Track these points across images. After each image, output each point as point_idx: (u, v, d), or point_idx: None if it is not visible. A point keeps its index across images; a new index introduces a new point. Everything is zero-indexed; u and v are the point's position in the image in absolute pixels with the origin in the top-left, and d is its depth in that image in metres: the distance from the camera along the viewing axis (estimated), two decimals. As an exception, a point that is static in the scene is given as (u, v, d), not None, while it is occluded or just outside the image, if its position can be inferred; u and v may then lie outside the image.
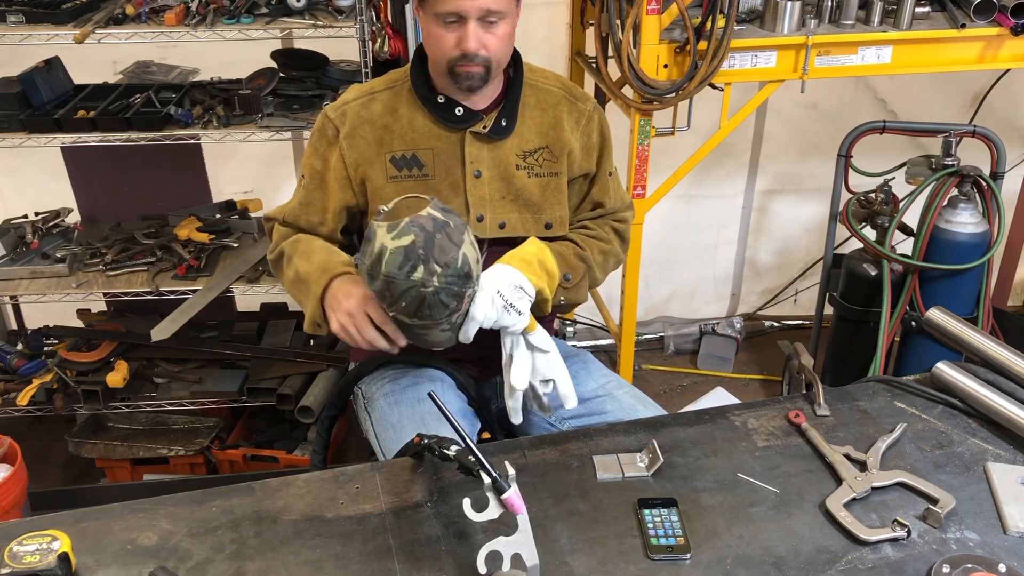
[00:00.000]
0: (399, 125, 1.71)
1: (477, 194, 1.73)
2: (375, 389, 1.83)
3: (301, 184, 1.79)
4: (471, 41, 1.59)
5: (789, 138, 3.49)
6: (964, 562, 1.25)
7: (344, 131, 1.72)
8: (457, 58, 1.61)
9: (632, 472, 1.44)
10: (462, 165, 1.72)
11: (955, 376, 1.62)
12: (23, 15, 2.41)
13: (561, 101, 1.80)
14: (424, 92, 1.71)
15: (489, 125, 1.71)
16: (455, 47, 1.60)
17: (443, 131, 1.71)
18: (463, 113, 1.70)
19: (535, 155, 1.77)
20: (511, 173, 1.75)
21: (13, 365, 2.81)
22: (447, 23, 1.59)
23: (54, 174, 2.96)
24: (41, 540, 1.22)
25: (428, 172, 1.71)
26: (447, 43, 1.61)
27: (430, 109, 1.71)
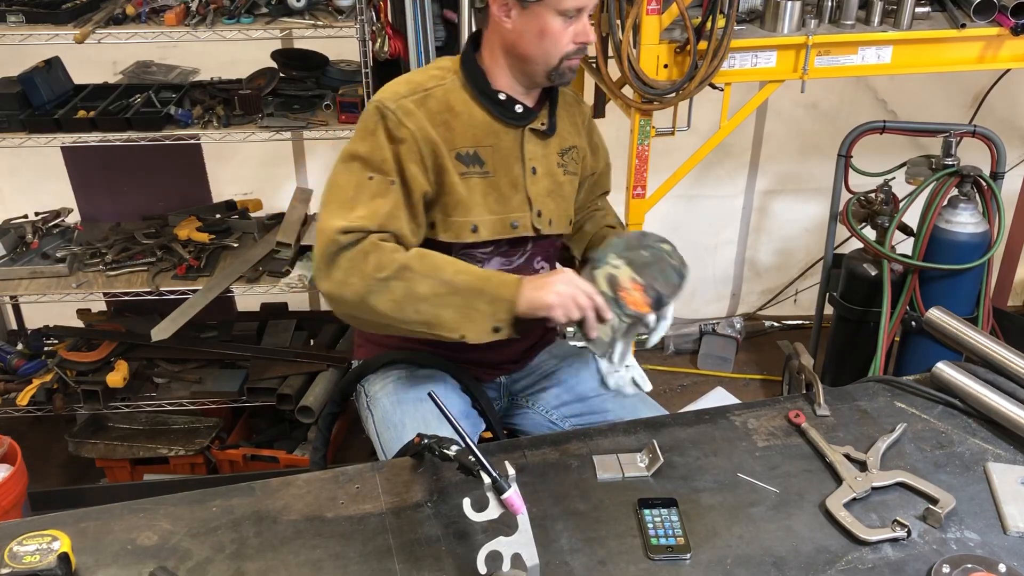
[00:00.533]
0: (459, 122, 1.67)
1: (535, 191, 1.74)
2: (378, 388, 1.83)
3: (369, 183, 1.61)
4: (591, 33, 1.64)
5: (789, 138, 3.49)
6: (964, 562, 1.25)
7: (411, 122, 1.62)
8: (572, 52, 1.64)
9: (632, 472, 1.44)
10: (521, 162, 1.72)
11: (955, 376, 1.62)
12: (23, 15, 2.41)
13: (573, 102, 1.87)
14: (484, 89, 1.69)
15: (546, 123, 1.74)
16: (570, 41, 1.63)
17: (502, 128, 1.70)
18: (523, 111, 1.71)
19: (569, 153, 1.82)
20: (555, 170, 1.78)
21: (13, 365, 2.81)
22: (568, 18, 1.61)
23: (54, 174, 2.96)
24: (41, 540, 1.22)
25: (489, 169, 1.70)
26: (565, 38, 1.62)
27: (489, 106, 1.69)
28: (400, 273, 1.54)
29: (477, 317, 1.56)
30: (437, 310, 1.55)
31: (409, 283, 1.54)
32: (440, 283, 1.55)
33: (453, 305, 1.56)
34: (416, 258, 1.58)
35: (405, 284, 1.54)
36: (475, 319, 1.56)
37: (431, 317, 1.56)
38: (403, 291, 1.54)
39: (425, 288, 1.55)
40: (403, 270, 1.55)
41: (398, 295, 1.54)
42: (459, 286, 1.56)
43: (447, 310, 1.56)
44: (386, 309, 1.55)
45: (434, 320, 1.56)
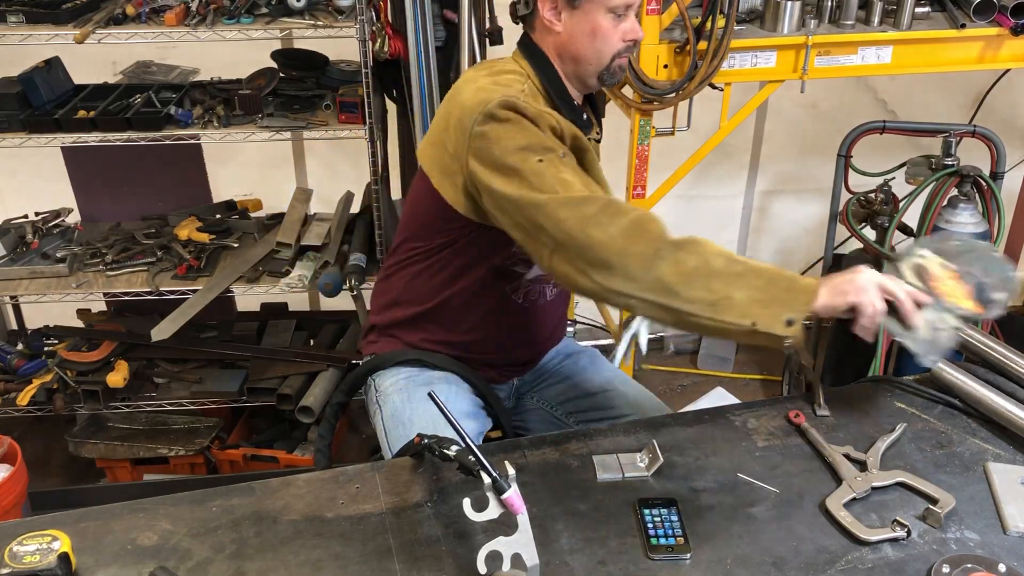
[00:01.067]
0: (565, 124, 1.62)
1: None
2: (389, 384, 1.82)
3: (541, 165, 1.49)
4: (640, 30, 1.65)
5: (789, 138, 3.49)
6: (964, 562, 1.25)
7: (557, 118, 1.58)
8: (623, 49, 1.64)
9: (632, 472, 1.44)
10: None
11: (955, 376, 1.62)
12: (23, 15, 2.41)
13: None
14: (564, 95, 1.67)
15: (600, 135, 1.77)
16: (620, 39, 1.63)
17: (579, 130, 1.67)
18: (586, 118, 1.72)
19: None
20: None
21: (13, 365, 2.81)
22: (617, 16, 1.60)
23: (54, 174, 2.96)
24: (41, 540, 1.22)
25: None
26: (615, 36, 1.62)
27: (567, 112, 1.66)
28: (689, 245, 1.40)
29: (773, 304, 1.37)
30: (730, 290, 1.37)
31: (702, 256, 1.39)
32: (734, 262, 1.40)
33: (750, 286, 1.37)
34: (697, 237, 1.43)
35: (698, 256, 1.39)
36: (770, 306, 1.36)
37: (721, 296, 1.36)
38: (696, 262, 1.38)
39: (720, 263, 1.38)
40: (692, 243, 1.40)
41: (689, 266, 1.38)
42: (755, 267, 1.40)
43: (741, 291, 1.37)
44: (671, 280, 1.37)
45: (723, 301, 1.36)
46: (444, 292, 1.77)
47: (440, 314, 1.80)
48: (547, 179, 1.47)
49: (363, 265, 2.66)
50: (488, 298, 1.77)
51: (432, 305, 1.79)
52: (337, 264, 2.70)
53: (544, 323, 1.88)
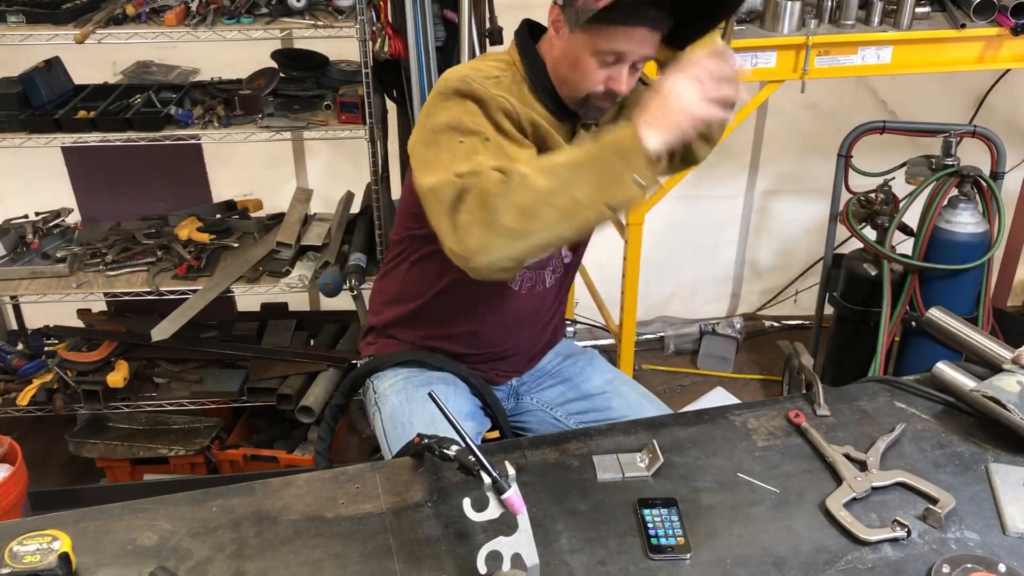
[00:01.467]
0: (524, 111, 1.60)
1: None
2: (388, 385, 1.82)
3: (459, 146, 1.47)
4: (623, 85, 1.55)
5: (789, 138, 3.49)
6: (964, 562, 1.25)
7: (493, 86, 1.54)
8: (599, 94, 1.57)
9: (632, 472, 1.44)
10: None
11: (955, 376, 1.62)
12: (23, 15, 2.41)
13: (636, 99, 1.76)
14: (545, 84, 1.63)
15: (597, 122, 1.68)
16: (601, 83, 1.55)
17: (557, 123, 1.64)
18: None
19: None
20: None
21: (13, 365, 2.81)
22: (605, 62, 1.53)
23: (54, 174, 2.96)
24: (41, 540, 1.22)
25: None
26: (595, 77, 1.55)
27: (547, 100, 1.63)
28: (519, 180, 1.38)
29: (614, 181, 1.37)
30: (570, 194, 1.37)
31: (530, 185, 1.38)
32: (560, 168, 1.39)
33: (584, 181, 1.37)
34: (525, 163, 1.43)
35: (527, 190, 1.38)
36: (613, 184, 1.37)
37: (567, 205, 1.37)
38: (528, 196, 1.37)
39: (547, 181, 1.38)
40: (522, 177, 1.39)
41: (524, 201, 1.37)
42: (579, 161, 1.39)
43: (579, 189, 1.37)
44: (517, 224, 1.37)
45: (571, 207, 1.37)
46: (438, 285, 1.77)
47: (436, 308, 1.80)
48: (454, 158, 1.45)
49: (363, 265, 2.66)
50: (483, 287, 1.75)
51: (427, 299, 1.79)
52: (337, 264, 2.71)
53: (542, 311, 1.86)
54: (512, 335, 1.84)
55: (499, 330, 1.83)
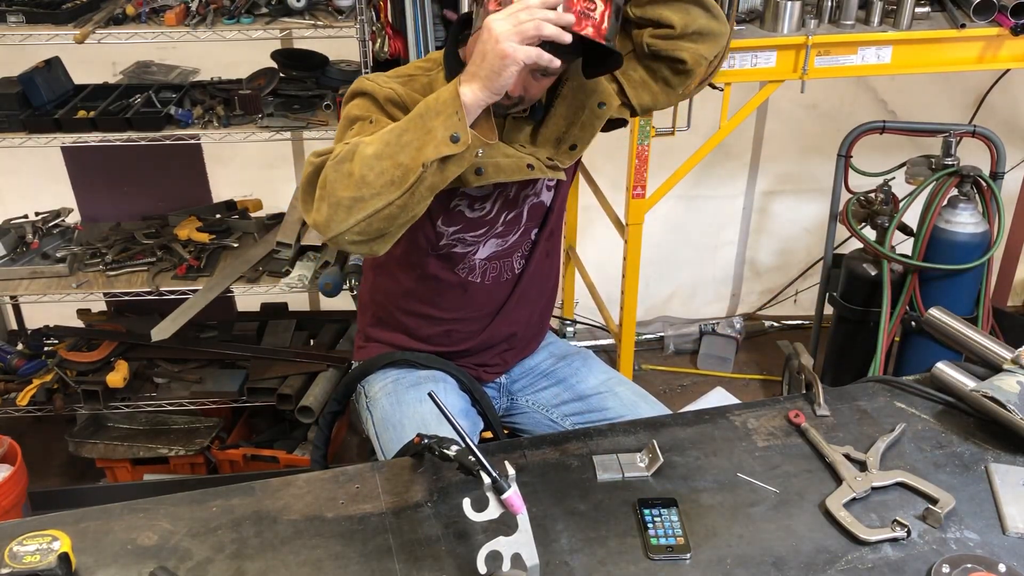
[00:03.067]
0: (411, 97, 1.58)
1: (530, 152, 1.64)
2: (378, 388, 1.83)
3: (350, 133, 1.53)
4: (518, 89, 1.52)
5: (789, 138, 3.49)
6: (964, 562, 1.25)
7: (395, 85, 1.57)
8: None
9: (632, 472, 1.44)
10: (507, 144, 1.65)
11: (955, 376, 1.62)
12: (23, 15, 2.41)
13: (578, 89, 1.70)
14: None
15: (528, 110, 1.66)
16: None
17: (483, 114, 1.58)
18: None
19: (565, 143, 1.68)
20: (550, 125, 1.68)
21: (13, 365, 2.81)
22: None
23: (54, 174, 2.96)
24: (41, 540, 1.22)
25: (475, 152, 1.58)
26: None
27: None
28: (351, 152, 1.41)
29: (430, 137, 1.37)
30: (395, 159, 1.39)
31: (359, 153, 1.41)
32: (386, 133, 1.41)
33: (406, 144, 1.39)
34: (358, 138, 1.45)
35: (355, 157, 1.40)
36: (431, 142, 1.37)
37: (392, 171, 1.39)
38: (355, 164, 1.40)
39: (373, 148, 1.40)
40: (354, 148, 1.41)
41: (354, 170, 1.40)
42: (401, 126, 1.41)
43: (403, 152, 1.39)
44: (350, 193, 1.40)
45: (397, 172, 1.39)
46: (400, 288, 1.79)
47: (405, 311, 1.81)
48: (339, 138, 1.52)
49: (362, 264, 2.66)
50: (447, 284, 1.76)
51: (396, 304, 1.81)
52: (337, 264, 2.70)
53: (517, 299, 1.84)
54: (489, 327, 1.84)
55: (473, 324, 1.83)
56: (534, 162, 1.62)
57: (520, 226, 1.77)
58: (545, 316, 1.99)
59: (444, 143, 1.36)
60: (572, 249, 3.40)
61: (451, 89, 1.37)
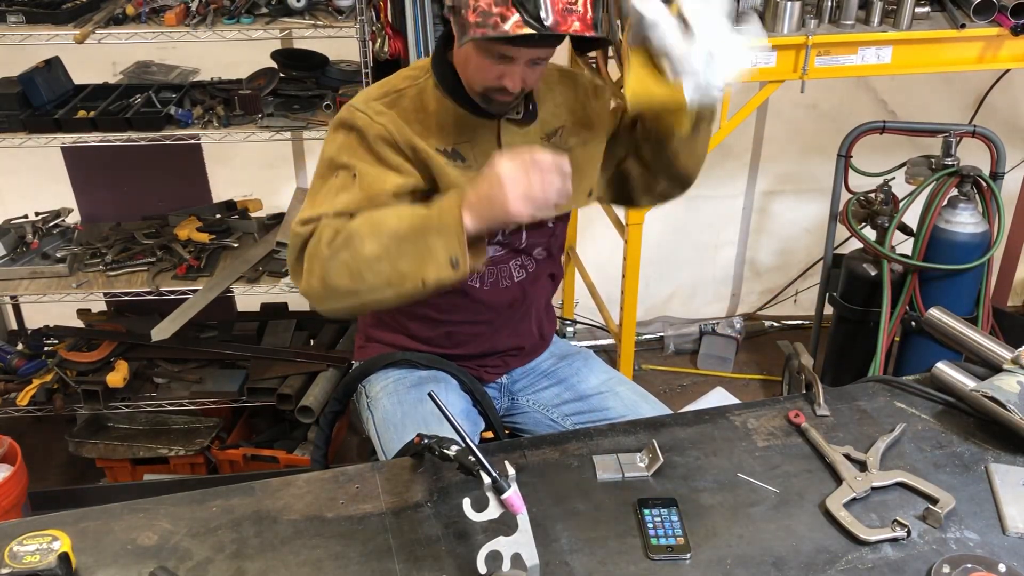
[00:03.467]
0: (433, 121, 1.63)
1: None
2: (379, 388, 1.83)
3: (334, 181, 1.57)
4: (515, 82, 1.53)
5: (789, 139, 3.49)
6: (964, 562, 1.25)
7: (383, 119, 1.58)
8: (495, 88, 1.56)
9: (632, 472, 1.44)
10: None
11: (955, 376, 1.62)
12: (23, 15, 2.41)
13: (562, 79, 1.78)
14: (455, 87, 1.63)
15: (522, 111, 1.68)
16: (496, 79, 1.54)
17: (478, 121, 1.65)
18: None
19: (557, 135, 1.74)
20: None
21: (13, 365, 2.81)
22: (496, 58, 1.52)
23: (54, 174, 2.96)
24: (41, 540, 1.22)
25: (471, 163, 1.65)
26: (489, 74, 1.54)
27: (461, 102, 1.64)
28: (347, 242, 1.44)
29: (431, 257, 1.42)
30: (394, 265, 1.43)
31: (357, 249, 1.43)
32: (385, 237, 1.43)
33: (407, 254, 1.42)
34: (360, 221, 1.47)
35: (353, 251, 1.44)
36: (430, 259, 1.42)
37: (390, 274, 1.43)
38: (352, 258, 1.43)
39: (373, 247, 1.43)
40: (349, 238, 1.44)
41: (351, 264, 1.44)
42: (403, 233, 1.43)
43: (402, 260, 1.42)
44: (346, 284, 1.45)
45: (394, 276, 1.43)
46: None
47: (411, 310, 1.81)
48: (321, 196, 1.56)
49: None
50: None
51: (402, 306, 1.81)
52: (337, 264, 2.70)
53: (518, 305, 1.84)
54: (489, 332, 1.84)
55: (472, 328, 1.83)
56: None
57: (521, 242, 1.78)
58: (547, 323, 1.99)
59: (444, 267, 1.42)
60: (572, 249, 3.40)
61: (454, 212, 1.41)
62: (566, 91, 1.78)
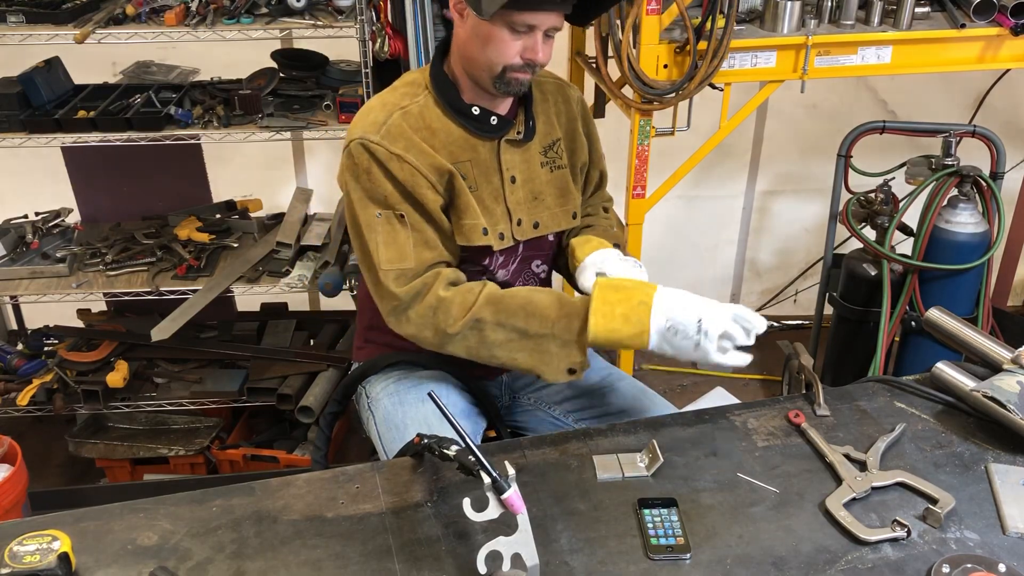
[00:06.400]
0: (437, 140, 1.65)
1: (514, 200, 1.73)
2: (380, 388, 1.83)
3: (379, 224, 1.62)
4: (540, 53, 1.59)
5: (789, 138, 3.49)
6: (964, 562, 1.25)
7: (399, 146, 1.61)
8: (517, 65, 1.59)
9: (632, 472, 1.44)
10: (499, 173, 1.71)
11: (955, 376, 1.62)
12: (23, 15, 2.41)
13: (554, 92, 1.83)
14: (456, 103, 1.67)
15: (522, 130, 1.72)
16: (517, 55, 1.58)
17: (478, 141, 1.68)
18: (498, 122, 1.69)
19: (553, 148, 1.79)
20: (537, 172, 1.76)
21: (13, 365, 2.81)
22: (517, 31, 1.56)
23: (54, 174, 2.96)
24: (41, 540, 1.22)
25: (471, 184, 1.68)
26: (510, 49, 1.57)
27: (464, 121, 1.66)
28: (473, 325, 1.59)
29: (550, 360, 1.60)
30: (512, 355, 1.61)
31: (482, 333, 1.60)
32: (511, 331, 1.60)
33: (526, 349, 1.60)
34: (486, 306, 1.59)
35: (479, 334, 1.60)
36: (549, 362, 1.60)
37: (506, 360, 1.62)
38: (477, 340, 1.61)
39: (498, 336, 1.60)
40: (476, 323, 1.59)
41: (472, 344, 1.61)
42: (529, 333, 1.59)
43: (521, 354, 1.61)
44: (462, 354, 1.64)
45: (509, 363, 1.63)
46: None
47: None
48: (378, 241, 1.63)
49: (363, 265, 2.66)
50: None
51: None
52: (337, 264, 2.71)
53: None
54: None
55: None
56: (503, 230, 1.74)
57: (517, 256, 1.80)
58: None
59: (561, 373, 1.62)
60: (572, 249, 3.39)
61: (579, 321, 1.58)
62: (559, 103, 1.82)
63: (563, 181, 1.81)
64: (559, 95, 1.82)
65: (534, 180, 1.76)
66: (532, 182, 1.76)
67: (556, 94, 1.82)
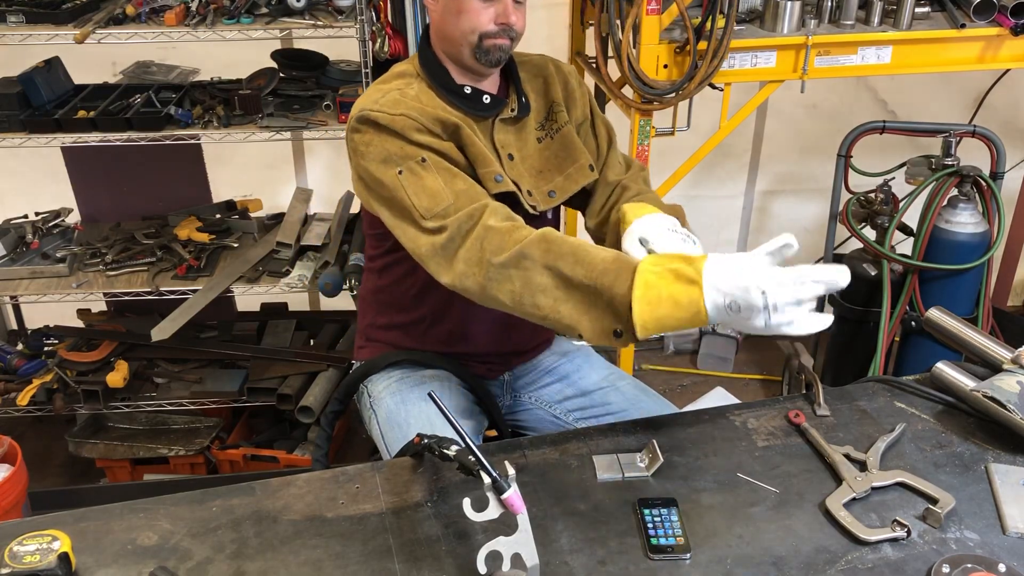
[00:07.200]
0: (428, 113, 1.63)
1: (515, 175, 1.72)
2: (382, 387, 1.83)
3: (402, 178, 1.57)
4: (512, 14, 1.62)
5: (789, 138, 3.49)
6: (964, 562, 1.25)
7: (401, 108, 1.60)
8: (492, 32, 1.63)
9: (632, 472, 1.44)
10: (495, 152, 1.71)
11: (955, 376, 1.62)
12: (23, 15, 2.41)
13: (546, 64, 1.84)
14: (449, 85, 1.68)
15: (516, 107, 1.73)
16: (490, 21, 1.62)
17: (473, 121, 1.68)
18: (490, 101, 1.70)
19: (551, 114, 1.80)
20: (535, 147, 1.77)
21: (13, 365, 2.81)
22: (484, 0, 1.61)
23: (54, 174, 2.96)
24: (41, 540, 1.22)
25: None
26: (483, 16, 1.62)
27: (458, 102, 1.67)
28: (519, 262, 1.45)
29: (595, 317, 1.41)
30: (556, 305, 1.43)
31: (527, 272, 1.44)
32: (557, 276, 1.43)
33: (572, 300, 1.42)
34: (535, 244, 1.45)
35: (523, 274, 1.45)
36: (593, 319, 1.41)
37: (549, 312, 1.44)
38: (522, 282, 1.45)
39: (543, 279, 1.44)
40: (521, 258, 1.45)
41: (517, 286, 1.45)
42: (575, 282, 1.42)
43: (565, 305, 1.43)
44: (506, 300, 1.47)
45: (552, 315, 1.44)
46: (409, 292, 1.80)
47: (412, 313, 1.82)
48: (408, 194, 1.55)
49: (363, 265, 2.66)
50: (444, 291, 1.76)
51: (403, 305, 1.82)
52: (337, 264, 2.71)
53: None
54: (491, 330, 1.84)
55: (473, 326, 1.83)
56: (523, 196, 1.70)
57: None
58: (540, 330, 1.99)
59: (604, 334, 1.39)
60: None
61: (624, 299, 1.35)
62: (550, 71, 1.83)
63: (568, 139, 1.80)
64: (548, 65, 1.84)
65: (532, 156, 1.76)
66: (530, 159, 1.76)
67: (543, 66, 1.83)
